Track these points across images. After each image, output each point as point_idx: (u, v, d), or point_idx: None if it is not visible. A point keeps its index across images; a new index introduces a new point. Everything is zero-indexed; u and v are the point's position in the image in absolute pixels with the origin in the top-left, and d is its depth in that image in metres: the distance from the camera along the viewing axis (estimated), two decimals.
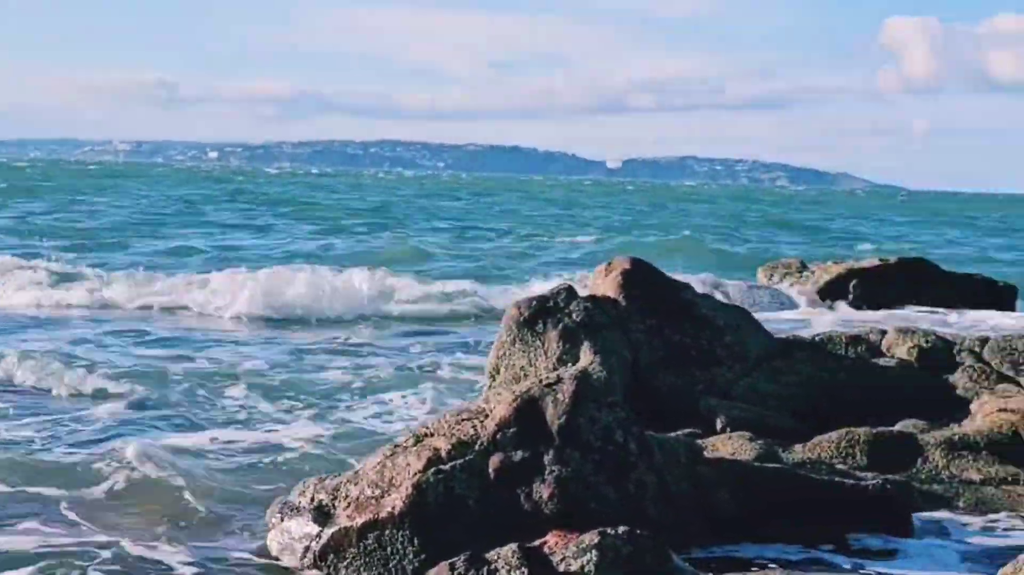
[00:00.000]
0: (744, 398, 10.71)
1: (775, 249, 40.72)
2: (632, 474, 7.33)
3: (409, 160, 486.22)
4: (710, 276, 24.56)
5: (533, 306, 10.57)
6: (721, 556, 7.38)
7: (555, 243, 41.16)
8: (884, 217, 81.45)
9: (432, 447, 7.47)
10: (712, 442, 9.27)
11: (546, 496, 7.15)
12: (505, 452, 7.28)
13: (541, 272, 29.03)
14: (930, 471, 9.32)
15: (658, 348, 10.89)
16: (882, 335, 12.02)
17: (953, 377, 11.17)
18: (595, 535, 5.04)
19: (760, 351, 11.31)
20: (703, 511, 7.71)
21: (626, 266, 11.32)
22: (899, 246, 44.40)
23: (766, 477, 8.00)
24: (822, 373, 11.11)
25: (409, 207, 68.05)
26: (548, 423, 7.31)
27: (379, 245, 37.18)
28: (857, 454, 9.42)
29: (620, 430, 7.36)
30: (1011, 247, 50.19)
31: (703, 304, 11.43)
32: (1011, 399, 9.97)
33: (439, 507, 7.17)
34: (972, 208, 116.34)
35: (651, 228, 53.69)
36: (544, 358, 10.32)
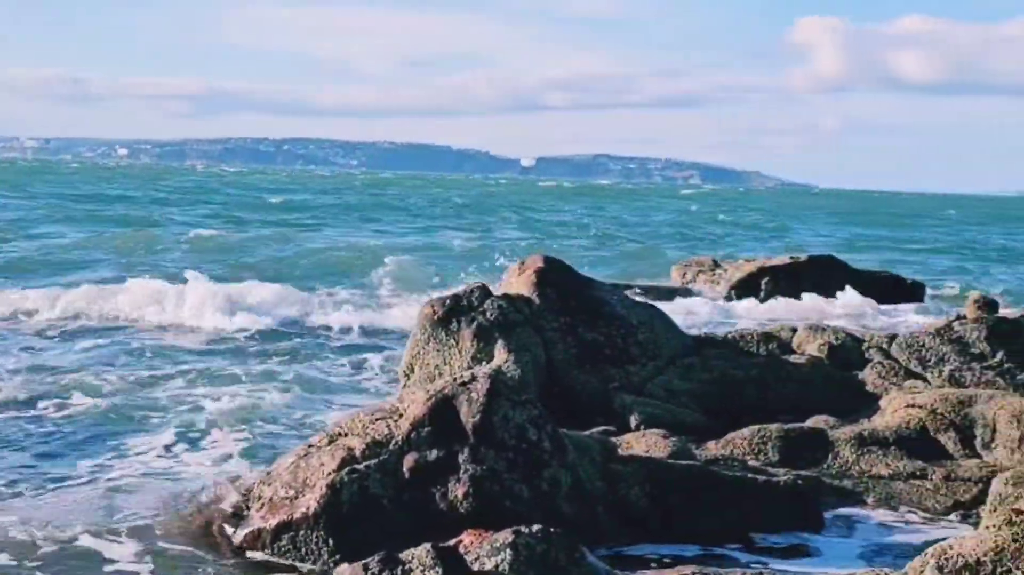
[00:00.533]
0: (658, 395, 10.77)
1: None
2: (546, 472, 7.33)
3: (322, 158, 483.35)
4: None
5: (447, 305, 10.56)
6: (635, 553, 7.40)
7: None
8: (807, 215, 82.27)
9: (346, 447, 7.42)
10: (626, 439, 9.29)
11: (461, 495, 7.13)
12: (419, 451, 7.25)
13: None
14: (840, 466, 9.42)
15: (572, 346, 10.92)
16: (793, 332, 12.15)
17: (862, 374, 11.31)
18: (509, 534, 5.03)
19: (673, 349, 11.38)
20: (617, 508, 7.72)
21: (539, 264, 11.34)
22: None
23: (679, 474, 8.04)
24: (734, 370, 11.20)
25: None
26: (462, 422, 7.29)
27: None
28: (769, 450, 9.50)
29: (534, 428, 7.36)
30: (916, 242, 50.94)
31: (617, 302, 11.48)
32: (919, 395, 10.11)
33: (353, 507, 7.13)
34: (888, 207, 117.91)
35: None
36: (458, 356, 10.31)
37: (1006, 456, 9.28)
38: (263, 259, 29.39)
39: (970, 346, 11.51)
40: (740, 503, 7.99)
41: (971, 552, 5.25)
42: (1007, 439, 9.32)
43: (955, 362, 11.36)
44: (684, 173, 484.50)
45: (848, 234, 56.87)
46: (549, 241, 40.67)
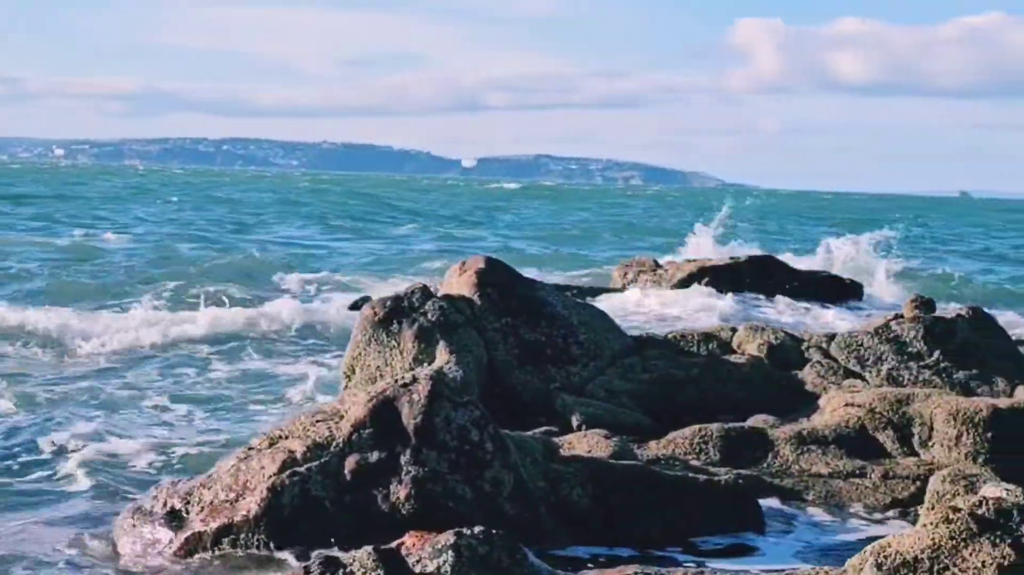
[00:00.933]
0: (599, 396, 10.79)
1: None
2: (488, 473, 7.34)
3: (262, 158, 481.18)
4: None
5: (388, 306, 10.54)
6: (577, 553, 7.41)
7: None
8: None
9: (287, 449, 7.39)
10: (568, 440, 9.31)
11: (403, 496, 7.12)
12: (361, 453, 7.24)
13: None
14: (780, 465, 9.48)
15: (513, 346, 10.92)
16: (733, 332, 12.22)
17: (802, 373, 11.39)
18: (451, 535, 5.03)
19: (614, 349, 11.41)
20: (559, 509, 7.73)
21: (480, 265, 11.34)
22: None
23: (621, 474, 8.06)
24: (675, 370, 11.24)
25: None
26: (404, 423, 7.28)
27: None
28: (710, 450, 9.54)
29: (476, 429, 7.36)
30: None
31: (558, 302, 11.50)
32: (857, 394, 10.19)
33: (295, 510, 7.10)
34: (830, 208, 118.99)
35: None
36: (400, 358, 10.29)
37: (943, 454, 9.38)
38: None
39: (907, 345, 11.62)
40: (681, 503, 8.02)
41: (909, 550, 5.30)
42: (944, 437, 9.42)
43: (893, 361, 11.46)
44: (625, 173, 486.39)
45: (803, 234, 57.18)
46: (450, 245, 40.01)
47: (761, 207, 69.65)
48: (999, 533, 5.24)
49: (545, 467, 7.93)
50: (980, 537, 5.23)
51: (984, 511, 5.31)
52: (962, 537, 5.24)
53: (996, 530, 5.25)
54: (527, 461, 7.76)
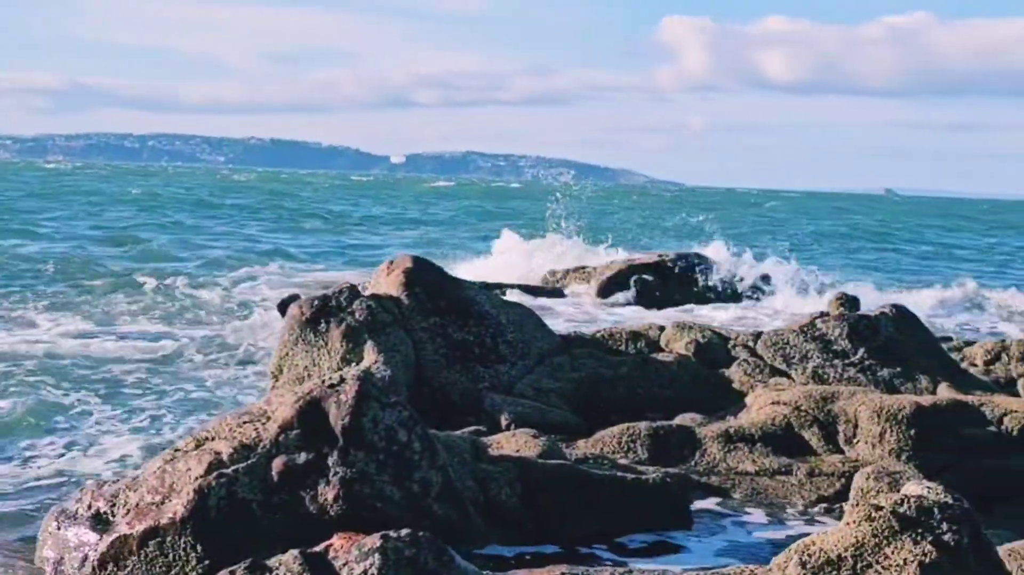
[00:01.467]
0: (527, 395, 10.81)
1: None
2: (416, 473, 7.32)
3: (188, 154, 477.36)
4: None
5: (315, 305, 10.49)
6: (506, 553, 7.42)
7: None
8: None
9: (213, 451, 7.33)
10: (496, 439, 9.31)
11: (331, 498, 7.09)
12: (288, 454, 7.19)
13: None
14: (708, 463, 9.54)
15: (442, 346, 10.91)
16: (661, 331, 12.28)
17: (729, 371, 11.47)
18: (377, 538, 5.01)
19: (543, 348, 11.43)
20: (488, 509, 7.74)
21: (408, 264, 11.32)
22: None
23: (549, 473, 8.07)
24: (604, 369, 11.28)
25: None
26: (332, 424, 7.24)
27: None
28: (638, 448, 9.59)
29: (404, 429, 7.33)
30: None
31: (486, 301, 11.51)
32: (783, 392, 10.28)
33: (222, 512, 7.04)
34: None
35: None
36: (328, 357, 10.25)
37: (867, 451, 9.48)
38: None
39: (832, 343, 11.74)
40: (610, 501, 8.05)
41: (832, 547, 5.35)
42: (868, 434, 9.53)
43: (818, 359, 11.58)
44: (554, 170, 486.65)
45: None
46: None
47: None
48: (920, 531, 5.31)
49: (473, 467, 7.92)
50: (902, 535, 5.29)
51: (906, 509, 5.38)
52: (884, 535, 5.30)
53: (917, 528, 5.32)
54: (455, 461, 7.75)
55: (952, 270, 37.24)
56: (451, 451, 7.83)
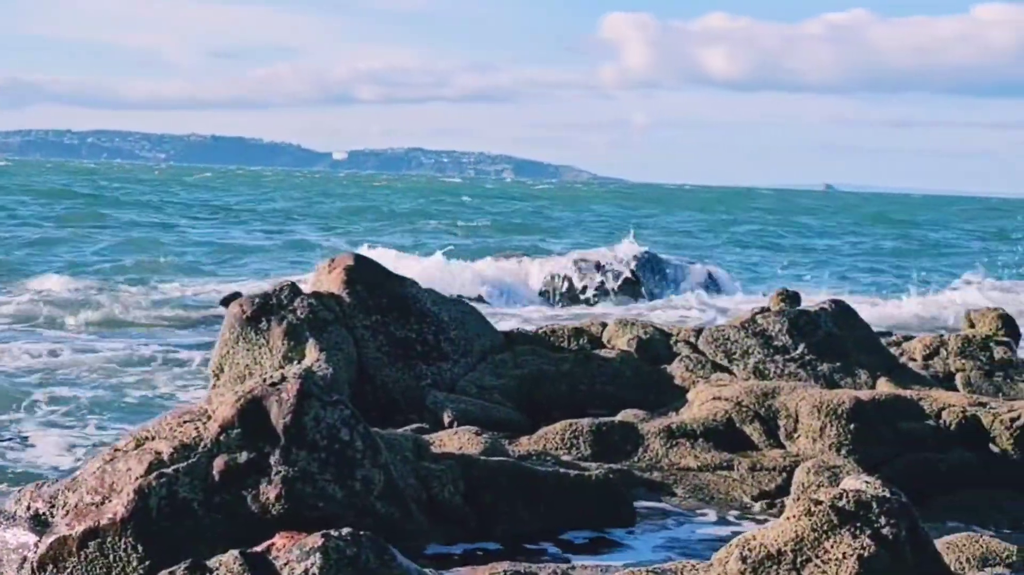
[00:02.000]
0: (470, 392, 10.81)
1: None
2: (359, 472, 7.30)
3: (128, 151, 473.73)
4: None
5: (256, 303, 10.44)
6: (450, 551, 7.42)
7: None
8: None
9: (153, 450, 7.28)
10: (439, 437, 9.31)
11: (273, 497, 7.06)
12: (229, 454, 7.16)
13: None
14: (650, 459, 9.58)
15: (383, 344, 10.89)
16: (603, 327, 12.31)
17: (671, 367, 11.52)
18: (318, 538, 4.99)
19: (485, 345, 11.43)
20: (431, 507, 7.73)
21: (349, 262, 11.29)
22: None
23: (492, 470, 8.08)
24: (546, 366, 11.30)
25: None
26: (273, 423, 7.21)
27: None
28: (581, 445, 9.61)
29: (345, 428, 7.32)
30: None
31: (427, 299, 11.49)
32: (725, 388, 10.33)
33: (163, 512, 6.99)
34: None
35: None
36: (269, 356, 10.21)
37: (808, 446, 9.55)
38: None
39: (773, 339, 11.82)
40: (553, 498, 8.07)
41: (773, 542, 5.39)
42: (809, 429, 9.59)
43: (759, 354, 11.65)
44: (497, 167, 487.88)
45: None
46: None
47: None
48: (859, 525, 5.35)
49: (416, 465, 7.92)
50: (841, 529, 5.33)
51: (845, 503, 5.42)
52: (823, 529, 5.34)
53: (856, 522, 5.36)
54: (398, 459, 7.74)
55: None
56: (393, 449, 7.82)
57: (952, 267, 38.16)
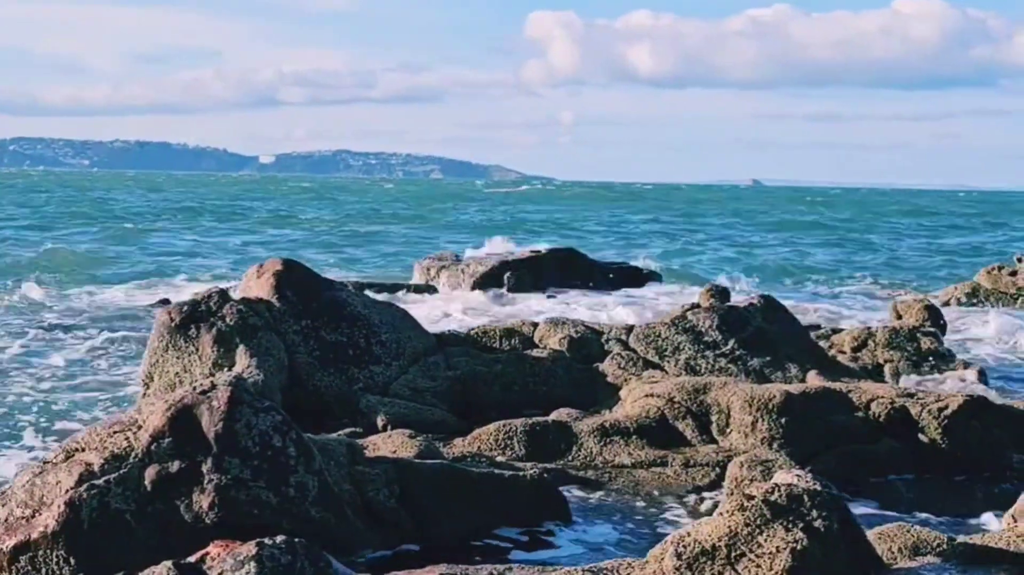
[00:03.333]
0: (403, 395, 10.79)
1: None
2: (292, 478, 7.26)
3: (52, 158, 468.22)
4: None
5: (184, 311, 10.36)
6: (386, 555, 7.39)
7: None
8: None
9: (84, 462, 7.20)
10: (373, 441, 9.28)
11: (206, 506, 7.00)
12: (161, 463, 7.09)
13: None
14: (585, 458, 9.61)
15: (315, 348, 10.85)
16: (535, 327, 12.34)
17: (603, 365, 11.56)
18: (252, 546, 4.96)
19: (417, 347, 11.41)
20: (366, 511, 7.70)
21: (278, 267, 11.24)
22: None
23: (427, 473, 8.06)
24: (478, 367, 11.30)
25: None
26: (205, 431, 7.15)
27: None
28: (515, 445, 9.62)
29: (278, 434, 7.27)
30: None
31: (358, 302, 11.46)
32: (657, 384, 10.38)
33: (95, 524, 6.92)
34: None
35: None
36: (199, 363, 10.13)
37: (740, 440, 9.62)
38: None
39: (704, 335, 11.89)
40: (488, 499, 8.07)
41: (707, 537, 5.42)
42: (740, 424, 9.66)
43: (690, 351, 11.72)
44: (425, 167, 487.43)
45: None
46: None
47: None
48: (791, 518, 5.40)
49: (350, 470, 7.88)
50: (774, 523, 5.38)
51: (777, 498, 5.47)
52: (757, 524, 5.38)
53: (789, 516, 5.41)
54: (331, 464, 7.71)
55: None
56: (327, 454, 7.78)
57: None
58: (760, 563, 5.31)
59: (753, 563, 5.32)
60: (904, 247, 46.97)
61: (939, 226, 66.79)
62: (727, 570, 5.33)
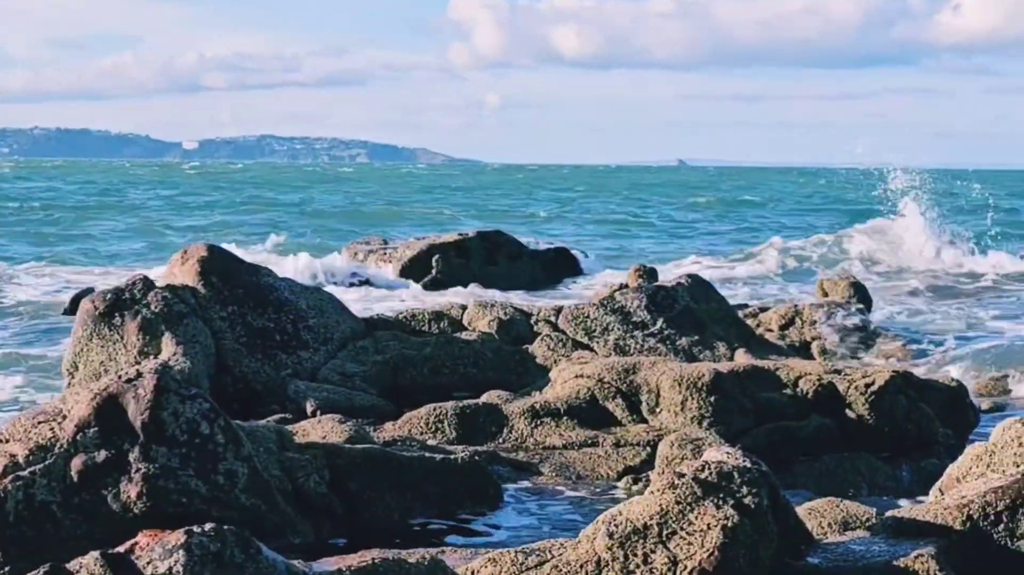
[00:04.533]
0: (332, 380, 10.74)
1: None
2: (221, 466, 7.20)
3: None
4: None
5: (108, 299, 10.24)
6: (318, 541, 7.36)
7: None
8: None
9: (8, 453, 7.10)
10: (302, 427, 9.23)
11: (134, 495, 6.94)
12: (87, 453, 7.01)
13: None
14: (516, 440, 9.61)
15: (242, 335, 10.76)
16: (463, 310, 12.32)
17: (532, 347, 11.57)
18: (181, 534, 4.90)
19: (345, 332, 11.36)
20: (297, 497, 7.66)
21: (203, 253, 11.13)
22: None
23: (357, 458, 8.04)
24: (408, 350, 11.27)
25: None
26: (131, 420, 7.08)
27: None
28: (446, 428, 9.60)
29: (205, 422, 7.21)
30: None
31: (285, 287, 11.38)
32: (586, 365, 10.40)
33: (20, 516, 6.83)
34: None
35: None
36: (124, 352, 10.02)
37: (671, 419, 9.65)
38: None
39: (632, 315, 11.93)
40: (420, 483, 8.05)
41: (639, 516, 5.44)
42: (670, 403, 9.69)
43: (619, 331, 11.76)
44: (351, 151, 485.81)
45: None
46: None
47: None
48: (722, 496, 5.43)
49: (280, 456, 7.83)
50: (704, 500, 5.40)
51: (707, 475, 5.49)
52: (688, 501, 5.40)
53: (719, 493, 5.44)
54: (261, 451, 7.65)
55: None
56: (256, 441, 7.73)
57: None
58: (691, 540, 5.34)
59: (684, 541, 5.34)
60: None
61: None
62: (659, 548, 5.34)
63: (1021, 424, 6.21)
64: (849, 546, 5.79)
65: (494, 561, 5.52)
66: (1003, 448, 6.16)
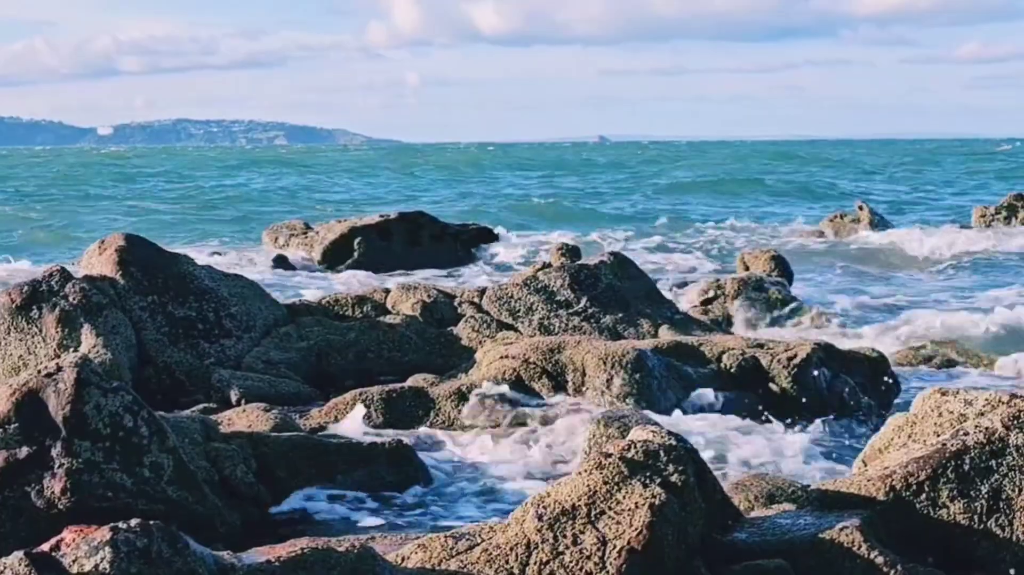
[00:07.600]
0: (256, 368, 10.68)
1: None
2: (146, 458, 7.14)
3: None
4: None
5: (25, 291, 10.10)
6: (250, 531, 7.32)
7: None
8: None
9: None
10: (227, 416, 9.17)
11: (58, 491, 6.86)
12: (8, 449, 6.92)
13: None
14: (443, 422, 9.61)
15: (163, 324, 10.67)
16: (387, 293, 12.29)
17: (457, 329, 11.57)
18: (107, 531, 4.84)
19: (267, 319, 11.30)
20: (224, 487, 7.63)
21: (120, 243, 11.01)
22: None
23: (283, 446, 8.01)
24: (331, 335, 11.23)
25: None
26: (52, 414, 7.00)
27: None
28: (372, 413, 9.58)
29: (129, 414, 7.14)
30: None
31: (205, 275, 11.29)
32: (511, 346, 10.41)
33: None
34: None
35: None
36: (43, 345, 9.89)
37: (596, 398, 9.69)
38: None
39: (556, 294, 11.96)
40: (347, 469, 8.04)
41: (567, 498, 5.45)
42: (596, 382, 9.74)
43: (543, 310, 11.78)
44: (269, 134, 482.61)
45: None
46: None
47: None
48: (649, 474, 5.45)
49: (205, 446, 7.79)
50: (631, 479, 5.42)
51: (633, 454, 5.52)
52: (615, 481, 5.43)
53: (646, 471, 5.46)
54: (186, 442, 7.60)
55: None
56: (181, 432, 7.68)
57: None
58: (620, 520, 5.36)
59: (613, 520, 5.36)
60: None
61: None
62: (588, 529, 5.36)
63: (941, 394, 6.29)
64: (775, 520, 5.84)
65: (424, 547, 5.51)
66: (923, 418, 6.24)
